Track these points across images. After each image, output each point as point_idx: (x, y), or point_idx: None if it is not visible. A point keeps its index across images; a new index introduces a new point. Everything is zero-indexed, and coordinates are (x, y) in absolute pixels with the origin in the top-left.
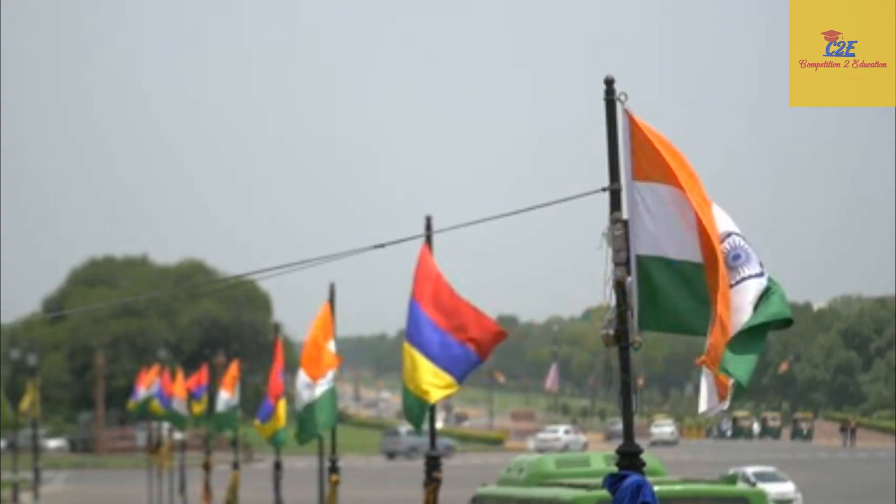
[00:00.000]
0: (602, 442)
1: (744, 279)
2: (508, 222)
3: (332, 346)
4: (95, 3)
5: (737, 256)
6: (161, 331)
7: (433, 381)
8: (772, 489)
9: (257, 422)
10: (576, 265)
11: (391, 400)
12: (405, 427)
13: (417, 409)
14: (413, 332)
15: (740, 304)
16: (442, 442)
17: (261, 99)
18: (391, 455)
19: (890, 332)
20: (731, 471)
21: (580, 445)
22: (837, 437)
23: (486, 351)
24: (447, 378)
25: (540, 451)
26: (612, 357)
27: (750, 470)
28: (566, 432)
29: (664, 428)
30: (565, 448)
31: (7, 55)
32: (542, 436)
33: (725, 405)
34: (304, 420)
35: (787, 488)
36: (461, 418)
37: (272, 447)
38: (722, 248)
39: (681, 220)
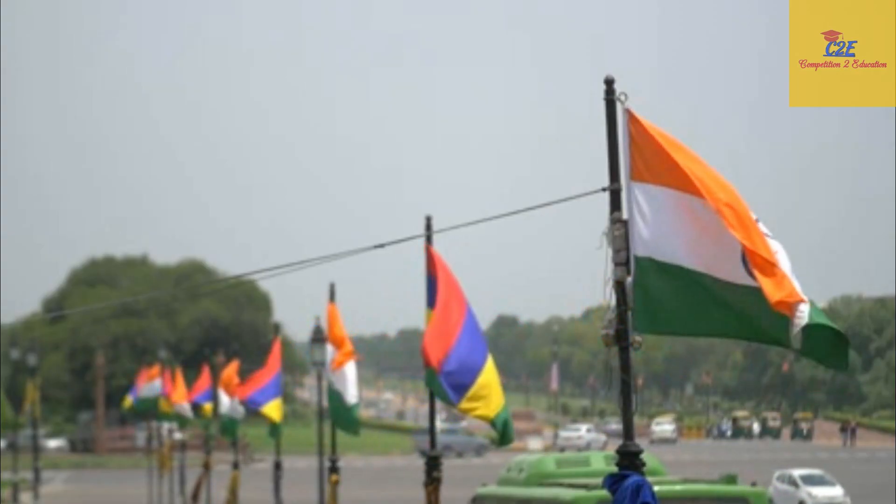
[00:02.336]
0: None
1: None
2: (508, 222)
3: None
4: (95, 2)
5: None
6: (161, 331)
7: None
8: (819, 493)
9: (263, 408)
10: (576, 265)
11: (394, 401)
12: (440, 425)
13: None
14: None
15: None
16: (476, 441)
17: (261, 99)
18: (425, 454)
19: (890, 332)
20: (777, 473)
21: (601, 444)
22: (837, 437)
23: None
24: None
25: (562, 449)
26: (612, 357)
27: (797, 473)
28: (588, 431)
29: (664, 426)
30: (588, 446)
31: (7, 55)
32: (564, 434)
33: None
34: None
35: (835, 492)
36: (457, 418)
37: (272, 447)
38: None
39: (674, 223)
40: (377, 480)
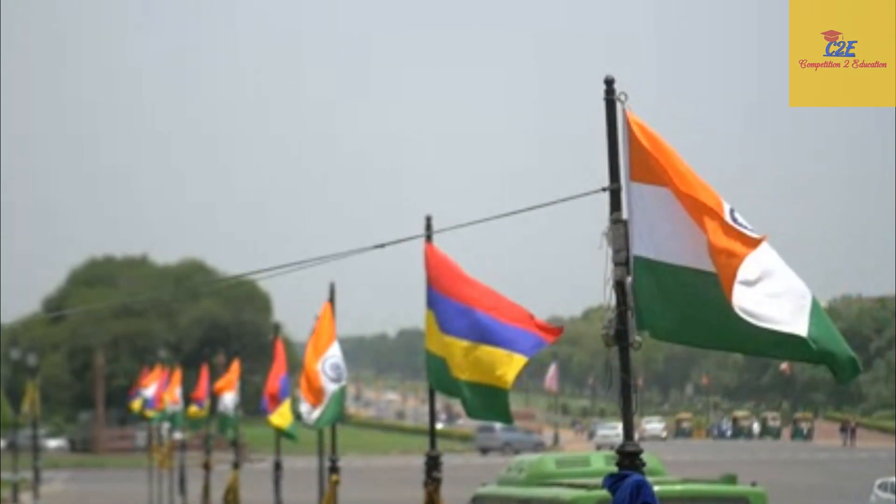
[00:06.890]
0: (586, 441)
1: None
2: (509, 222)
3: (335, 348)
4: (96, 2)
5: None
6: (161, 331)
7: (502, 363)
8: None
9: (271, 417)
10: (576, 265)
11: (394, 401)
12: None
13: (498, 399)
14: (447, 323)
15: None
16: (534, 438)
17: (261, 99)
18: (485, 451)
19: (890, 332)
20: (879, 481)
21: None
22: (837, 437)
23: (548, 332)
24: (514, 355)
25: (599, 447)
26: (612, 357)
27: None
28: None
29: (654, 424)
30: None
31: (7, 55)
32: (602, 432)
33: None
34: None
35: None
36: (455, 417)
37: (272, 447)
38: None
39: (667, 222)
40: (377, 480)
